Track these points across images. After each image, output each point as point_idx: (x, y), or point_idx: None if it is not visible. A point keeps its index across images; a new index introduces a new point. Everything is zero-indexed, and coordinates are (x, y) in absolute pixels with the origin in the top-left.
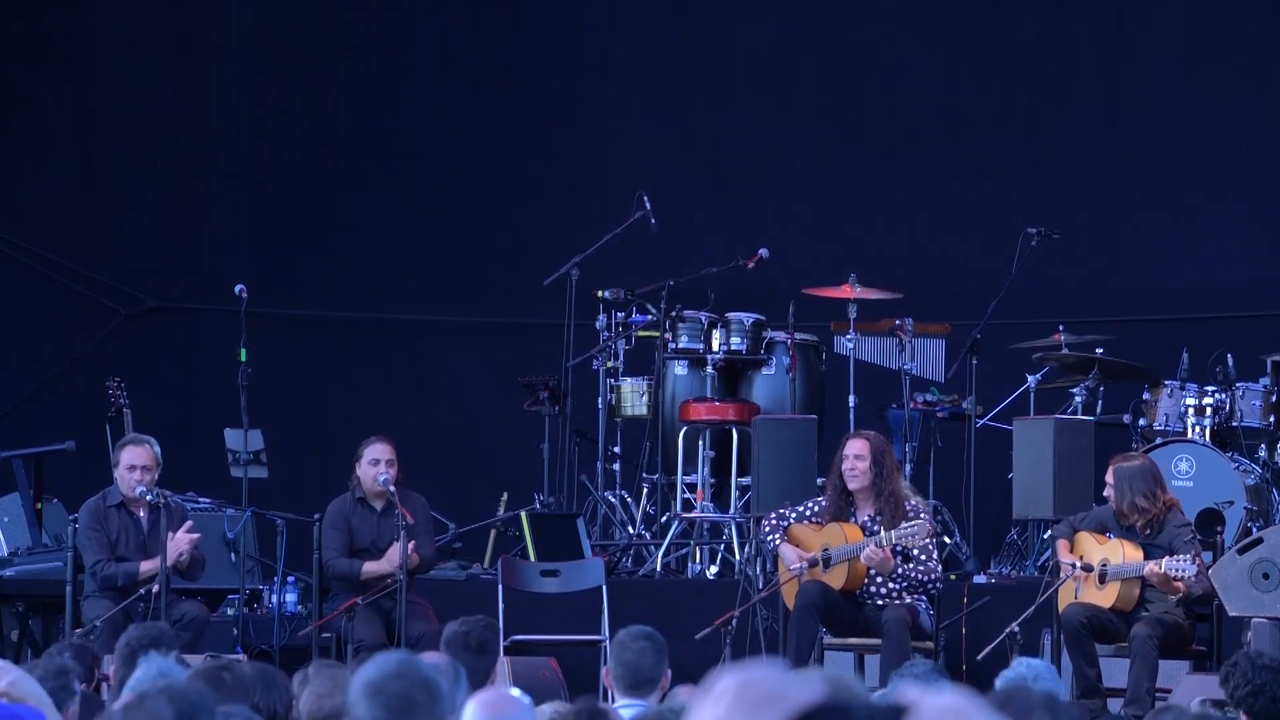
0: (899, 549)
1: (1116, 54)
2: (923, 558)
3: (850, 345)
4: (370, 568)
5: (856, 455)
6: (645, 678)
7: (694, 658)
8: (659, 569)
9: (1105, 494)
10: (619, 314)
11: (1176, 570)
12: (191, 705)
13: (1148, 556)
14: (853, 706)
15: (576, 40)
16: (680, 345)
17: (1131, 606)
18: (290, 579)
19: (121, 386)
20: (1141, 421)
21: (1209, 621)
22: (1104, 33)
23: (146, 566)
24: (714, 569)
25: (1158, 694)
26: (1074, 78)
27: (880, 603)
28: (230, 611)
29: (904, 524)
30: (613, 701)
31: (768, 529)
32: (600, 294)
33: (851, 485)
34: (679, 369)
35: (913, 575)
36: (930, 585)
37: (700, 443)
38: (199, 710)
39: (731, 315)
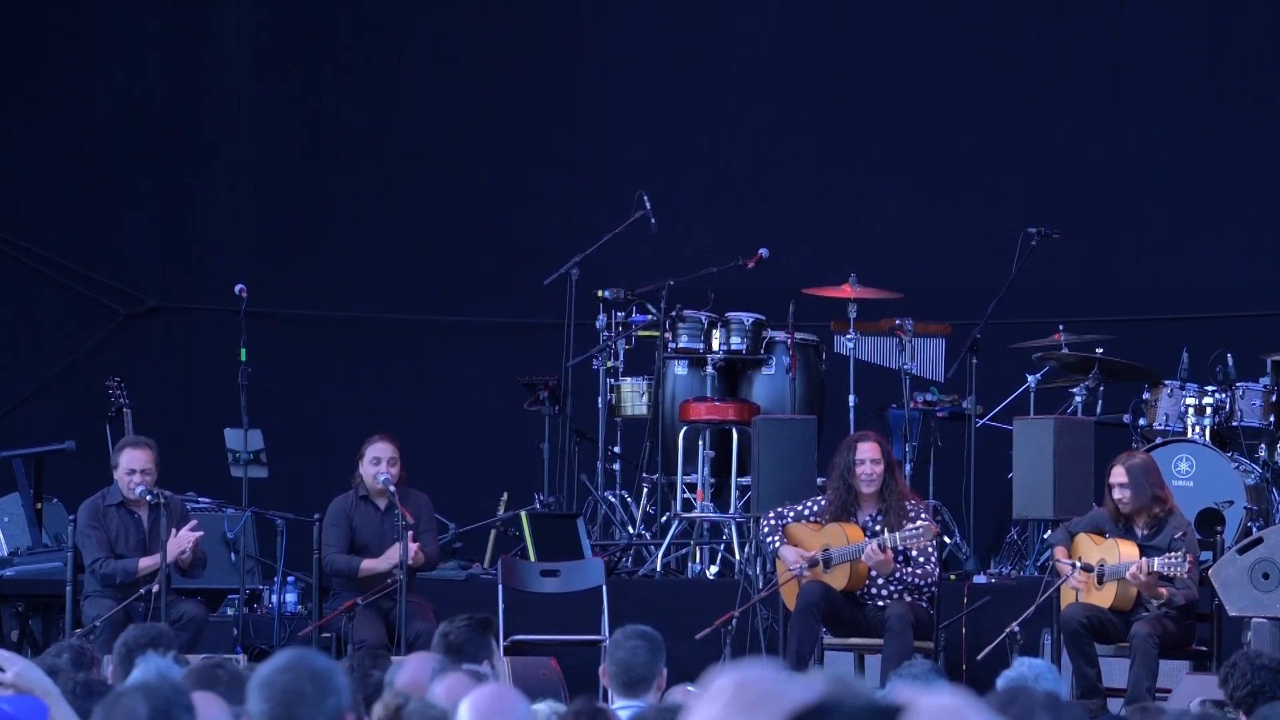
0: (901, 550)
1: (1116, 54)
2: (921, 560)
3: (850, 345)
4: (368, 564)
5: (874, 460)
6: (638, 676)
7: (694, 658)
8: (659, 569)
9: (1116, 496)
10: (619, 314)
11: (1169, 567)
12: (166, 701)
13: (1144, 556)
14: (849, 706)
15: (576, 39)
16: (680, 345)
17: (1130, 606)
18: (290, 579)
19: (121, 386)
20: (1141, 421)
21: (1209, 621)
22: (1104, 33)
23: (146, 563)
24: (714, 569)
25: (1158, 694)
26: (1074, 78)
27: (881, 603)
28: (230, 611)
29: (909, 526)
30: (610, 701)
31: (766, 529)
32: (600, 294)
33: (869, 489)
34: (679, 369)
35: (909, 579)
36: (926, 589)
37: (700, 443)
38: (174, 707)
39: (731, 315)
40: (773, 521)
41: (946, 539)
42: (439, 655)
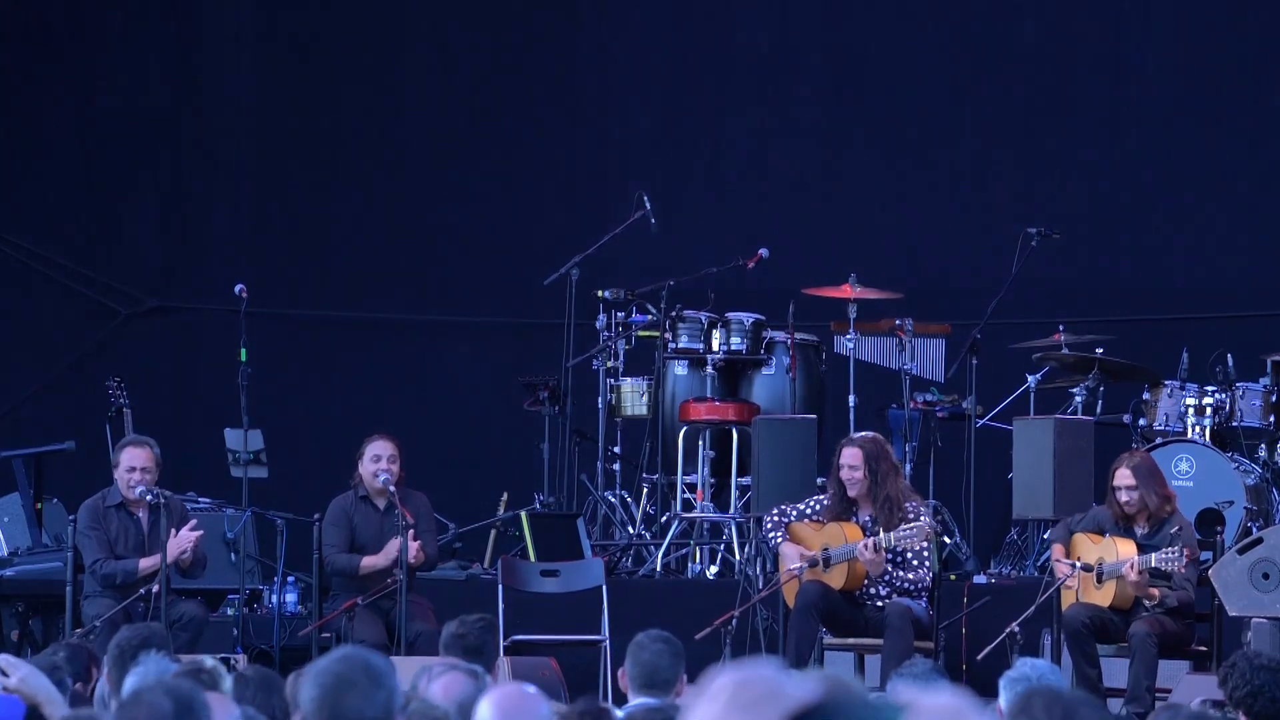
0: (896, 549)
1: (1116, 54)
2: (915, 563)
3: (850, 345)
4: (368, 561)
5: (851, 465)
6: (662, 679)
7: (694, 658)
8: (659, 569)
9: (1123, 499)
10: (619, 314)
11: (1166, 562)
12: (189, 697)
13: (1142, 554)
14: (849, 706)
15: (576, 40)
16: (680, 345)
17: (1130, 604)
18: (290, 579)
19: (121, 386)
20: (1141, 421)
21: (1209, 621)
22: (1104, 33)
23: (146, 563)
24: (714, 569)
25: (1158, 694)
26: (1074, 78)
27: (880, 604)
28: (230, 611)
29: (904, 526)
30: (614, 702)
31: (769, 526)
32: (600, 294)
33: (850, 492)
34: (679, 369)
35: (898, 583)
36: (917, 595)
37: (700, 443)
38: (195, 703)
39: (731, 315)
40: (775, 519)
41: (946, 539)
42: (455, 656)
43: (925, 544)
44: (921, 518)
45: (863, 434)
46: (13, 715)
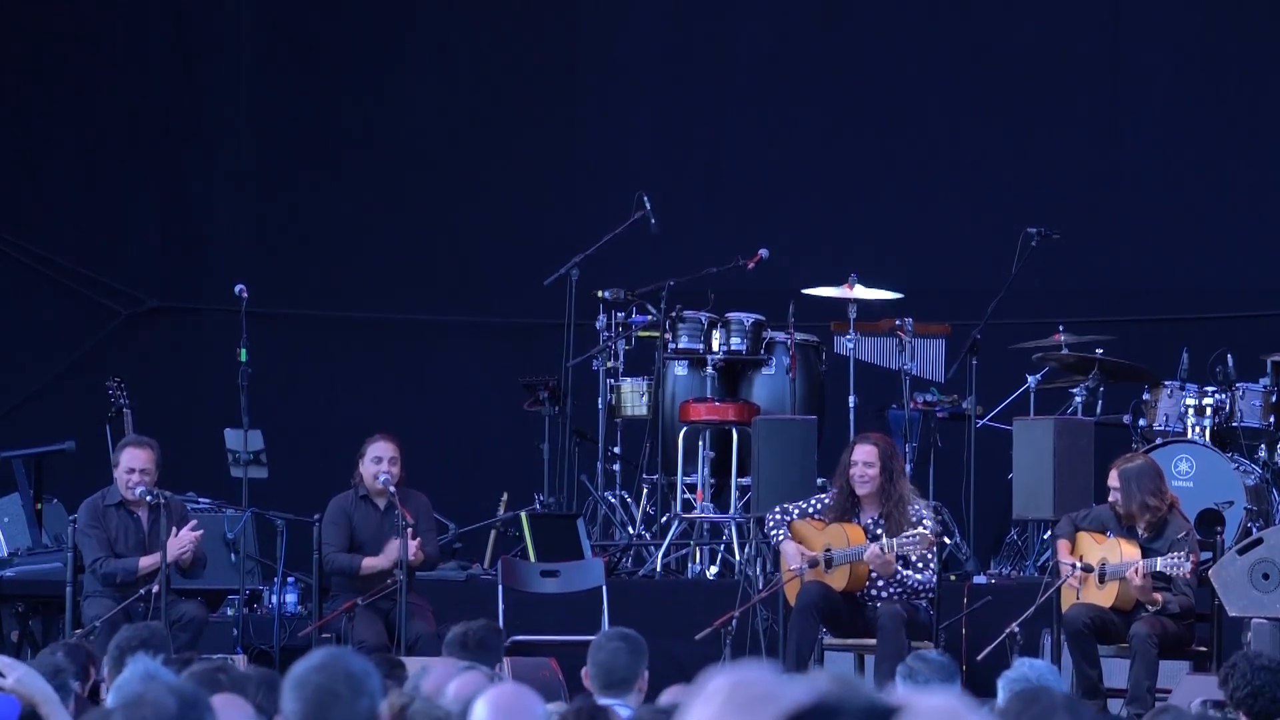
0: (899, 555)
1: (1115, 54)
2: (920, 565)
3: (850, 345)
4: (369, 563)
5: (866, 463)
6: (619, 678)
7: (694, 658)
8: (659, 569)
9: (1111, 499)
10: (619, 314)
11: (1171, 567)
12: (194, 695)
13: (1145, 557)
14: (844, 707)
15: (577, 41)
16: (680, 345)
17: (1131, 605)
18: (290, 579)
19: (121, 386)
20: (1141, 422)
21: (1209, 621)
22: (1103, 32)
23: (146, 562)
24: (714, 569)
25: (1158, 694)
26: (1073, 78)
27: (880, 605)
28: (230, 612)
29: (907, 533)
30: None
31: (771, 525)
32: (600, 294)
33: (861, 491)
34: (679, 369)
35: (909, 583)
36: (923, 596)
37: (700, 443)
38: (200, 702)
39: (731, 315)
40: (778, 517)
41: (947, 539)
42: (457, 655)
43: (930, 550)
44: (925, 521)
45: (875, 433)
46: (9, 715)
